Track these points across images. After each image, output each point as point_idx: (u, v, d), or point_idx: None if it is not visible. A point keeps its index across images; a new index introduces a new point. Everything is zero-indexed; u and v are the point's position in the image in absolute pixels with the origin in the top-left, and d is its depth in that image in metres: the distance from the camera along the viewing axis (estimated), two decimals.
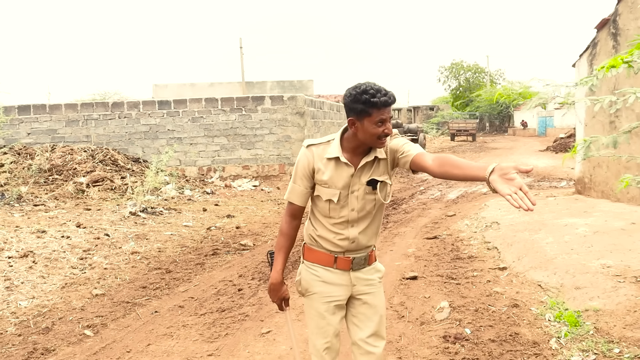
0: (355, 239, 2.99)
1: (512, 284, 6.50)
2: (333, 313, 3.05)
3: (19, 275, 6.82)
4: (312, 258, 3.09)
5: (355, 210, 2.95)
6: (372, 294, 3.10)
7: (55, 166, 14.26)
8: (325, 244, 3.03)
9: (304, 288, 3.11)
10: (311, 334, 3.10)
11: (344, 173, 2.90)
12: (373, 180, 2.91)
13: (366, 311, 3.08)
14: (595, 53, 11.14)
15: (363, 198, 2.94)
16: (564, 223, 8.68)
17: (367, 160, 2.89)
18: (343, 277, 3.02)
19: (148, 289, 6.66)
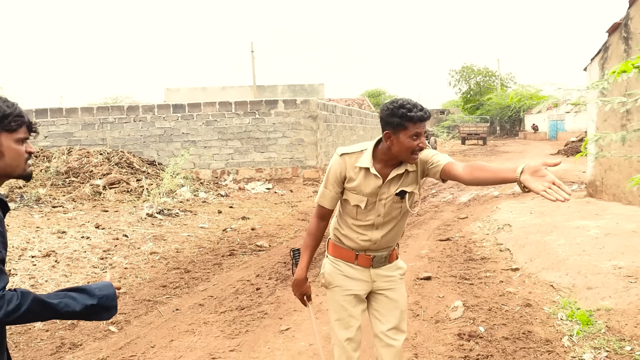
0: (377, 240, 3.14)
1: (524, 284, 6.61)
2: (354, 305, 3.20)
3: (42, 274, 7.01)
4: (336, 253, 3.24)
5: (381, 215, 3.08)
6: (393, 289, 3.25)
7: (72, 169, 14.49)
8: (347, 242, 3.18)
9: (327, 281, 3.27)
10: (333, 326, 3.25)
11: (372, 183, 3.02)
12: (402, 192, 3.05)
13: (387, 305, 3.23)
14: (606, 57, 11.24)
15: (390, 206, 3.08)
16: (575, 225, 8.78)
17: (398, 173, 3.01)
18: (364, 273, 3.19)
19: (168, 288, 6.83)
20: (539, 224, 9.28)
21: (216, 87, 33.70)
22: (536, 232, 8.69)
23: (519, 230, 9.06)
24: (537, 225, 9.19)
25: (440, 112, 67.62)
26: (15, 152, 2.11)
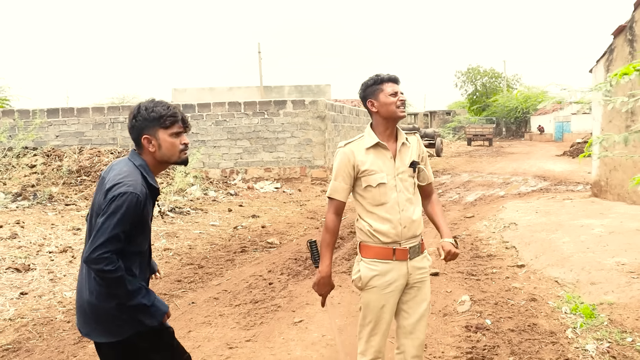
0: (407, 224, 3.23)
1: (530, 280, 6.79)
2: (391, 303, 3.29)
3: (60, 268, 7.22)
4: (371, 254, 3.26)
5: (402, 192, 3.24)
6: (424, 282, 3.36)
7: (83, 167, 14.71)
8: (382, 237, 3.22)
9: (363, 282, 3.28)
10: (366, 326, 3.32)
11: (384, 158, 3.26)
12: (414, 162, 3.31)
13: (417, 298, 3.33)
14: (611, 59, 11.40)
15: (406, 180, 3.28)
16: (580, 224, 8.95)
17: (401, 142, 3.32)
18: (401, 267, 3.25)
19: (183, 282, 7.03)
20: (545, 222, 9.45)
21: (223, 88, 33.89)
22: (541, 230, 8.86)
23: (524, 228, 9.23)
24: (543, 223, 9.35)
25: (447, 113, 67.65)
26: (170, 144, 2.78)
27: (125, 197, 2.59)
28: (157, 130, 2.76)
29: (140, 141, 2.80)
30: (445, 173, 22.08)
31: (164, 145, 2.77)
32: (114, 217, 2.55)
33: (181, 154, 2.85)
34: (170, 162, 2.85)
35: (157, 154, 2.80)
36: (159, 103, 2.80)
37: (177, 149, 2.81)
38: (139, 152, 2.84)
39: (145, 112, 2.77)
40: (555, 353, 4.62)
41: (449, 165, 25.99)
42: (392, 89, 3.23)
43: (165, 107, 2.78)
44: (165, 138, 2.77)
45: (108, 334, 2.76)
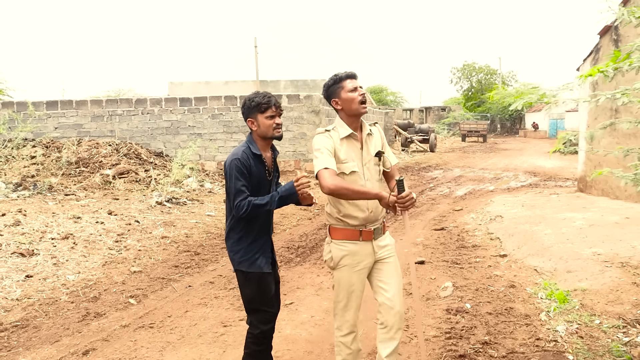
0: (374, 208, 3.56)
1: (511, 268, 7.13)
2: (361, 280, 3.63)
3: (63, 254, 7.54)
4: (340, 236, 3.60)
5: (370, 180, 3.57)
6: (392, 257, 3.70)
7: (82, 159, 15.00)
8: (350, 221, 3.55)
9: (335, 262, 3.61)
10: (339, 302, 3.65)
11: (354, 147, 3.58)
12: (379, 152, 3.67)
13: (389, 271, 3.65)
14: (597, 58, 11.74)
15: (372, 168, 3.63)
16: (562, 217, 9.29)
17: (367, 133, 3.65)
18: (367, 247, 3.59)
19: (180, 268, 7.36)
20: (529, 215, 9.80)
21: (219, 82, 34.11)
22: (525, 222, 9.20)
23: (509, 221, 9.58)
24: (527, 216, 9.70)
25: (442, 109, 67.99)
26: (265, 125, 3.66)
27: (229, 163, 3.60)
28: (256, 114, 3.65)
29: (247, 123, 3.71)
30: (438, 168, 22.42)
31: (261, 125, 3.66)
32: (231, 179, 3.57)
33: (274, 131, 3.69)
34: (267, 137, 3.70)
35: (258, 131, 3.69)
36: (258, 94, 3.69)
37: (271, 127, 3.66)
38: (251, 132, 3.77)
39: (248, 102, 3.67)
40: (527, 334, 4.96)
41: (442, 160, 26.33)
42: (352, 85, 3.55)
43: (262, 96, 3.66)
44: (262, 120, 3.65)
45: None
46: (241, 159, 3.60)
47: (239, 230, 3.72)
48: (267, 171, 3.79)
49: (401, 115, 57.03)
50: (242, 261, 3.70)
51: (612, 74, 4.05)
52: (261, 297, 3.76)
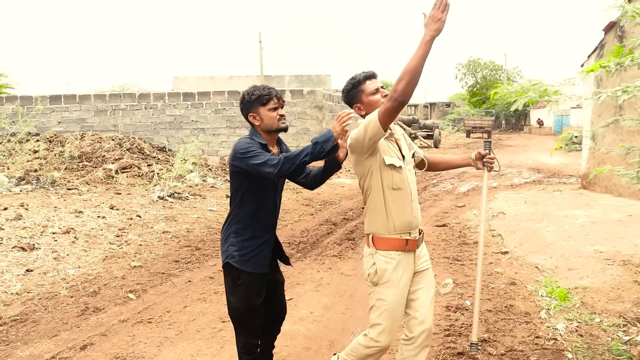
0: (417, 214, 3.35)
1: (512, 266, 7.10)
2: (405, 295, 3.30)
3: (63, 248, 7.55)
4: (387, 246, 3.27)
5: (412, 182, 3.37)
6: (428, 269, 3.45)
7: (85, 153, 15.02)
8: (398, 226, 3.26)
9: (379, 277, 3.26)
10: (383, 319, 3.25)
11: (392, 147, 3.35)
12: (414, 153, 3.54)
13: (424, 284, 3.38)
14: (602, 54, 11.68)
15: (410, 170, 3.41)
16: (565, 214, 9.25)
17: (396, 136, 3.43)
18: (410, 258, 3.31)
19: (180, 263, 7.36)
20: (532, 212, 9.76)
21: (224, 77, 34.08)
22: (528, 219, 9.17)
23: (511, 217, 9.55)
24: (530, 213, 9.67)
25: (447, 105, 67.83)
26: (268, 117, 3.46)
27: (235, 146, 3.41)
28: (258, 108, 3.46)
29: (249, 119, 3.51)
30: None
31: (265, 118, 3.45)
32: (245, 156, 3.32)
33: (279, 122, 3.49)
34: (272, 130, 3.50)
35: (262, 125, 3.48)
36: (257, 87, 3.51)
37: (275, 119, 3.46)
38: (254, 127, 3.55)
39: (248, 96, 3.48)
40: (527, 331, 4.94)
41: None
42: (373, 86, 3.31)
43: (261, 89, 3.49)
44: (265, 113, 3.45)
45: None
46: (249, 141, 3.41)
47: (237, 222, 3.50)
48: None
49: (405, 111, 56.90)
50: (233, 255, 3.46)
51: (614, 70, 4.01)
52: (249, 307, 3.51)
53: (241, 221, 3.51)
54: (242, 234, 3.49)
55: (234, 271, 3.48)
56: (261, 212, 3.53)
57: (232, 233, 3.52)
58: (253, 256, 3.47)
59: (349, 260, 7.52)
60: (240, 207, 3.50)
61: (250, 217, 3.50)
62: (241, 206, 3.49)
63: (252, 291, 3.50)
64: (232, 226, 3.54)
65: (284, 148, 3.70)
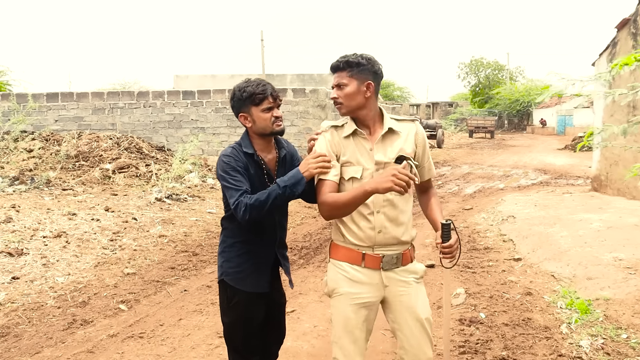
0: (382, 228, 2.82)
1: (526, 274, 6.73)
2: (362, 315, 2.85)
3: (54, 253, 7.17)
4: (340, 255, 2.92)
5: None
6: (407, 295, 2.89)
7: (81, 152, 14.64)
8: (351, 236, 2.86)
9: (330, 288, 2.95)
10: (337, 338, 2.88)
11: (363, 149, 2.86)
12: (401, 157, 2.81)
13: (404, 315, 2.89)
14: (614, 52, 11.29)
15: None
16: (578, 218, 8.88)
17: (384, 132, 2.87)
18: (373, 276, 2.87)
19: (176, 270, 6.98)
20: (543, 216, 9.39)
21: (225, 75, 33.69)
22: (539, 223, 8.80)
23: (522, 221, 9.17)
24: (541, 217, 9.29)
25: (449, 105, 67.52)
26: (261, 119, 3.03)
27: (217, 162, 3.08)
28: (250, 107, 3.03)
29: (240, 120, 3.11)
30: (446, 164, 22.00)
31: (257, 120, 3.04)
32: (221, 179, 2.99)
33: (274, 125, 3.07)
34: (266, 133, 3.09)
35: (254, 128, 3.08)
36: (250, 83, 3.06)
37: (270, 121, 3.04)
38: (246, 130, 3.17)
39: (239, 92, 3.05)
40: (548, 348, 4.57)
41: (450, 156, 25.90)
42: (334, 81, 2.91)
43: (254, 85, 3.04)
44: (258, 114, 3.03)
45: None
46: (230, 154, 3.03)
47: (232, 234, 3.13)
48: (266, 175, 3.10)
49: (408, 110, 56.61)
50: (228, 272, 3.11)
51: None
52: (243, 329, 3.15)
53: (236, 234, 3.14)
54: (238, 248, 3.13)
55: (229, 290, 3.13)
56: (258, 227, 3.10)
57: (227, 247, 3.17)
58: (250, 273, 3.11)
59: None
60: (233, 219, 3.05)
61: (245, 231, 3.10)
62: (234, 219, 3.02)
63: (248, 313, 3.14)
64: (228, 238, 3.18)
65: (285, 151, 3.24)
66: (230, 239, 3.15)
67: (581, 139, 30.31)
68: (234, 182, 2.94)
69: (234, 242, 3.14)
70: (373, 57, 2.90)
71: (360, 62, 2.82)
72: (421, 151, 3.01)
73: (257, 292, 3.13)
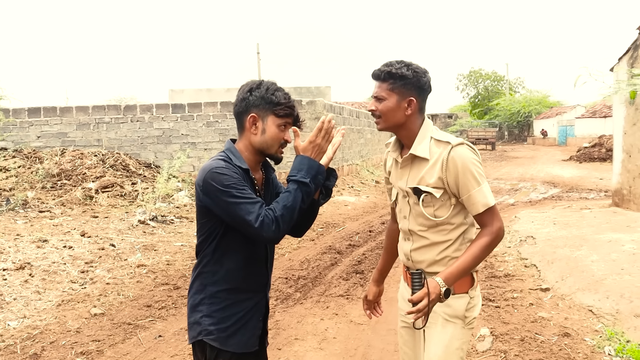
0: (407, 254, 2.65)
1: (558, 308, 5.81)
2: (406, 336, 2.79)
3: (12, 290, 6.21)
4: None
5: (407, 218, 2.62)
6: (430, 328, 2.53)
7: (64, 171, 13.70)
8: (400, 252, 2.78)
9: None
10: None
11: (396, 168, 2.68)
12: (416, 189, 2.54)
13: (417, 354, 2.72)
14: (636, 56, 10.42)
15: (414, 207, 2.59)
16: (607, 239, 7.97)
17: (406, 156, 2.58)
18: None
19: (153, 308, 6.00)
20: (566, 236, 8.46)
21: (221, 89, 32.85)
22: (564, 245, 7.87)
23: (544, 243, 8.23)
24: (564, 237, 8.36)
25: (448, 117, 66.63)
26: (275, 134, 2.45)
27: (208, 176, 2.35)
28: (268, 113, 2.46)
29: (244, 119, 2.49)
30: None
31: (268, 132, 2.46)
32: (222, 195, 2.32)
33: (279, 149, 2.54)
34: (266, 152, 2.51)
35: (258, 138, 2.48)
36: (281, 90, 2.51)
37: (279, 142, 2.49)
38: (237, 137, 2.57)
39: (266, 91, 2.46)
40: None
41: None
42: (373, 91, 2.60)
43: (287, 96, 2.50)
44: (273, 126, 2.46)
45: None
46: (227, 167, 2.38)
47: (213, 281, 2.43)
48: (258, 195, 2.51)
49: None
50: (209, 330, 2.39)
51: None
52: None
53: (219, 281, 2.43)
54: (222, 299, 2.43)
55: (210, 351, 2.43)
56: (249, 265, 2.48)
57: (207, 298, 2.43)
58: (238, 329, 2.44)
59: (358, 301, 6.17)
60: (216, 260, 2.42)
61: (233, 275, 2.43)
62: (217, 259, 2.42)
63: None
64: (207, 287, 2.44)
65: (273, 172, 2.74)
66: (212, 287, 2.44)
67: (587, 149, 29.59)
68: (245, 195, 2.32)
69: (216, 291, 2.44)
70: (422, 69, 2.54)
71: (404, 75, 2.47)
72: (452, 179, 2.48)
73: (245, 352, 2.47)
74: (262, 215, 2.27)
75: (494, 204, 2.49)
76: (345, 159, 18.80)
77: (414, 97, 2.50)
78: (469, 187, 2.46)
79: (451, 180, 2.47)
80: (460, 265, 2.40)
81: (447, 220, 2.52)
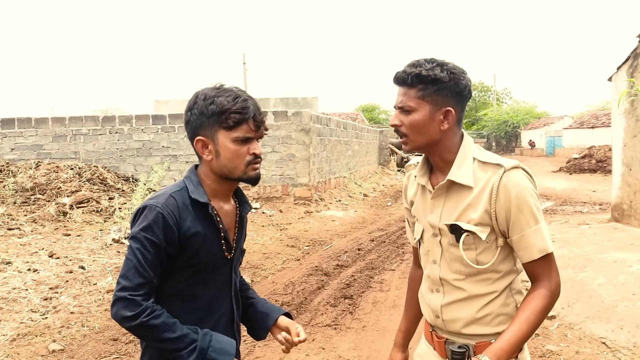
0: (436, 310, 2.05)
1: (567, 339, 5.28)
2: None
3: None
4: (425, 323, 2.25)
5: (437, 263, 2.03)
6: None
7: (38, 185, 13.06)
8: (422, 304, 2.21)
9: None
10: None
11: (424, 199, 2.08)
12: (455, 226, 1.93)
13: None
14: (636, 65, 9.97)
15: (447, 249, 1.99)
16: (612, 259, 7.46)
17: (442, 183, 1.98)
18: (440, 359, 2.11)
19: (119, 342, 5.38)
20: (567, 255, 7.95)
21: None
22: (566, 266, 7.35)
23: None
24: (566, 257, 7.85)
25: None
26: (231, 152, 1.93)
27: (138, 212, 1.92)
28: (216, 130, 1.93)
29: (194, 145, 2.00)
30: None
31: (223, 153, 1.94)
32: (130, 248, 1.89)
33: (248, 168, 1.98)
34: (231, 177, 1.99)
35: (214, 164, 1.97)
36: (223, 91, 1.93)
37: (243, 160, 1.96)
38: (198, 163, 2.07)
39: (203, 103, 1.92)
40: None
41: None
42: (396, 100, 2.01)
43: (231, 97, 1.90)
44: (227, 144, 1.93)
45: None
46: (162, 211, 1.86)
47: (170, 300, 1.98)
48: (223, 240, 2.03)
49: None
50: None
51: None
52: None
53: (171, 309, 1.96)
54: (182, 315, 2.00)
55: None
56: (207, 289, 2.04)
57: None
58: None
59: (347, 332, 5.60)
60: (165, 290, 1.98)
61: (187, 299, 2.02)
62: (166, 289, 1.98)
63: None
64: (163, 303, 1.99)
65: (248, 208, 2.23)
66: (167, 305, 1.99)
67: (577, 160, 29.24)
68: (143, 258, 1.83)
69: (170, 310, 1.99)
70: (459, 69, 1.95)
71: (439, 78, 1.89)
72: (503, 214, 1.89)
73: None
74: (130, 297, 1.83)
75: (553, 250, 1.94)
76: (332, 171, 18.25)
77: (452, 106, 1.93)
78: (523, 226, 1.89)
79: (501, 215, 1.90)
80: (513, 338, 1.83)
81: (492, 267, 1.95)
